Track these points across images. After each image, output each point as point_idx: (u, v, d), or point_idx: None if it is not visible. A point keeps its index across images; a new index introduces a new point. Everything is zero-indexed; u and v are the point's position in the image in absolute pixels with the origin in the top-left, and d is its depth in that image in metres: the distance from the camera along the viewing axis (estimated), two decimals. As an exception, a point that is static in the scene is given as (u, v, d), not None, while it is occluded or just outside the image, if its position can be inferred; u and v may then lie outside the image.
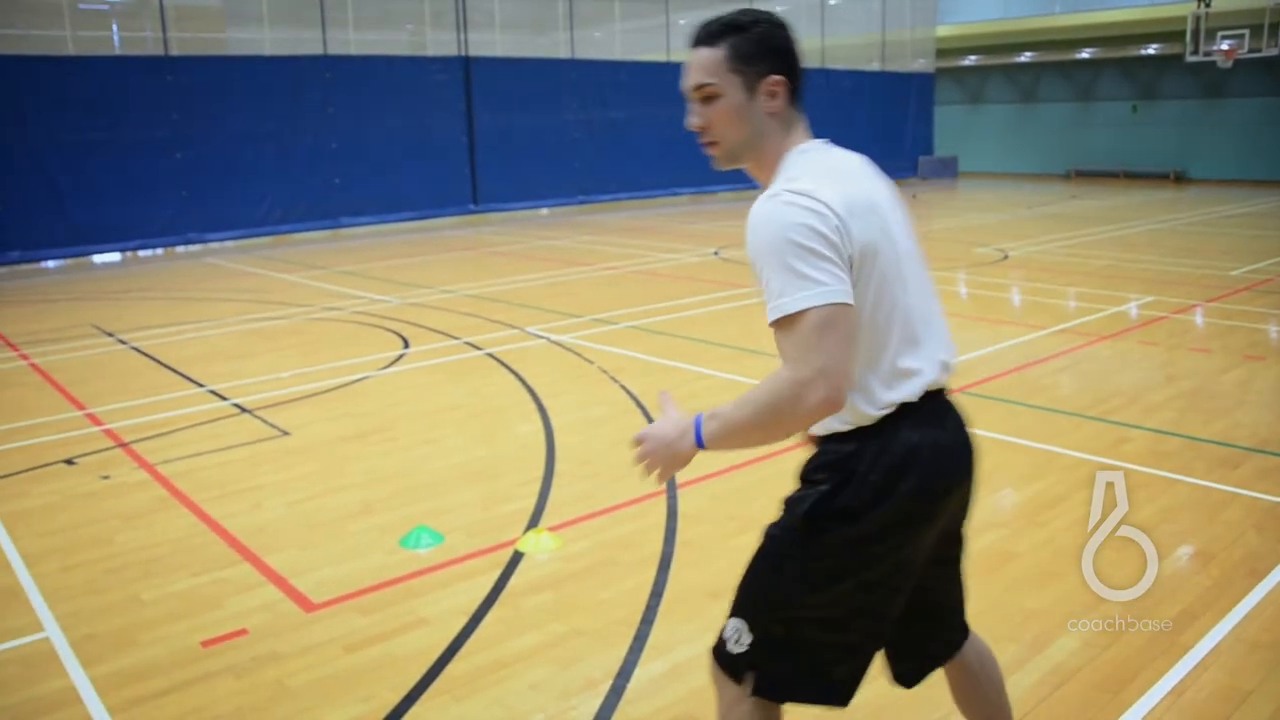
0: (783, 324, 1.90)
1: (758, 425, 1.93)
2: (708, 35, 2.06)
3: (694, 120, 2.08)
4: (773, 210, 1.91)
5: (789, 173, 2.00)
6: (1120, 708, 3.07)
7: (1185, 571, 4.01)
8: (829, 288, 1.85)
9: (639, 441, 2.07)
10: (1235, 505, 4.68)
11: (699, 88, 2.05)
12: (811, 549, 2.05)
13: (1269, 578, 3.92)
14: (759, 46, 2.03)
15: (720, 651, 2.14)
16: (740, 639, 2.10)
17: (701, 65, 2.05)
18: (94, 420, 6.53)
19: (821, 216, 1.88)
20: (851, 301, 1.89)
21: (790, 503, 2.11)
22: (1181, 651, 3.39)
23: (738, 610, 2.13)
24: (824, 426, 2.08)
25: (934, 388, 2.08)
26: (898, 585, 2.11)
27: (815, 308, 1.85)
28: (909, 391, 2.02)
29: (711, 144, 2.09)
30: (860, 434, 2.04)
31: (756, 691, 2.11)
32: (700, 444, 2.00)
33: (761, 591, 2.12)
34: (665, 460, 2.04)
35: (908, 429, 2.02)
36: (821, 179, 1.95)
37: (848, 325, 1.87)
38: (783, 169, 2.03)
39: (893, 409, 2.02)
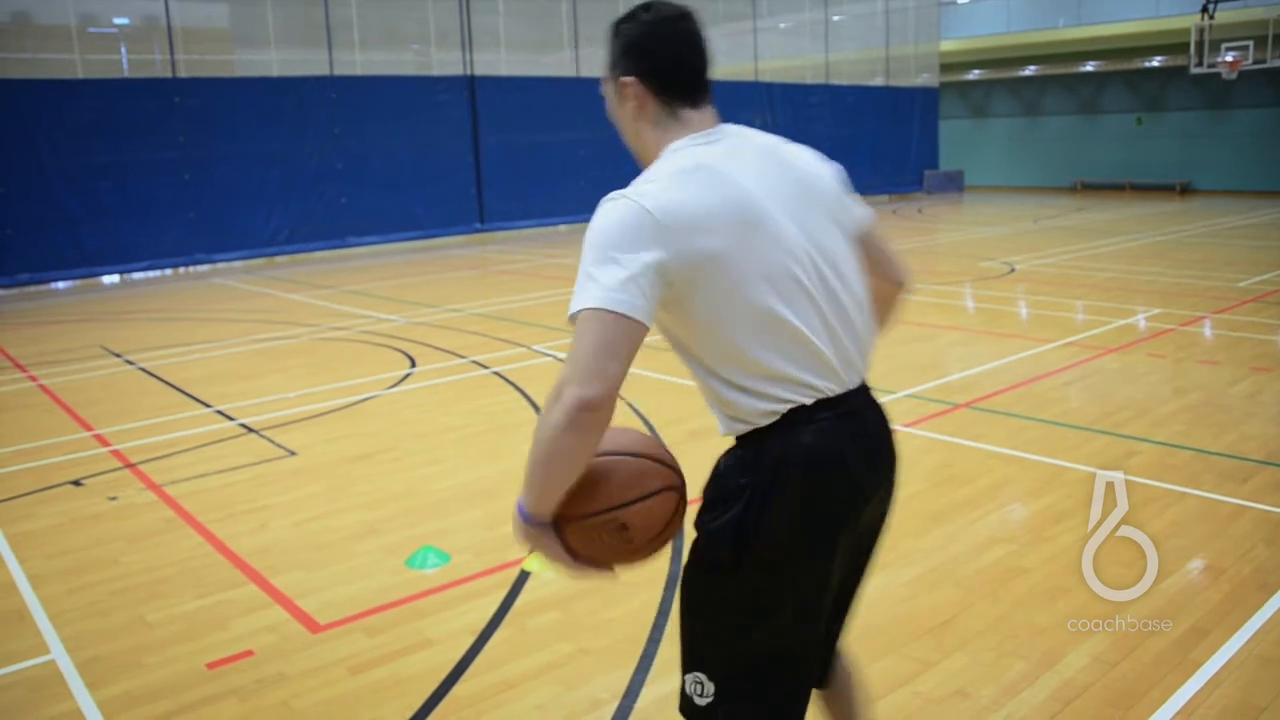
0: (574, 321, 1.78)
1: (540, 462, 1.84)
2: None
3: None
4: (599, 212, 1.85)
5: (645, 174, 1.92)
6: (1131, 725, 3.05)
7: (1195, 586, 3.98)
8: (604, 293, 1.75)
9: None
10: (1245, 518, 4.65)
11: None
12: (738, 582, 1.95)
13: (1280, 592, 3.90)
14: (617, 49, 1.99)
15: (688, 707, 2.03)
16: (704, 690, 1.99)
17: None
18: (101, 441, 6.54)
19: (641, 220, 1.79)
20: (635, 316, 1.76)
21: (699, 535, 2.00)
22: (1193, 667, 3.36)
23: (690, 661, 2.04)
24: (726, 423, 1.98)
25: (830, 395, 1.93)
26: (823, 608, 2.02)
27: (596, 310, 1.74)
28: (795, 399, 1.90)
29: None
30: (755, 437, 1.93)
31: None
32: (524, 515, 1.93)
33: (706, 637, 2.02)
34: (532, 541, 1.95)
35: (806, 433, 1.90)
36: (671, 183, 1.85)
37: (614, 332, 1.75)
38: (650, 169, 1.94)
39: (782, 410, 1.90)
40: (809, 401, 1.90)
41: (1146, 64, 27.72)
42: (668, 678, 3.41)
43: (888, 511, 2.15)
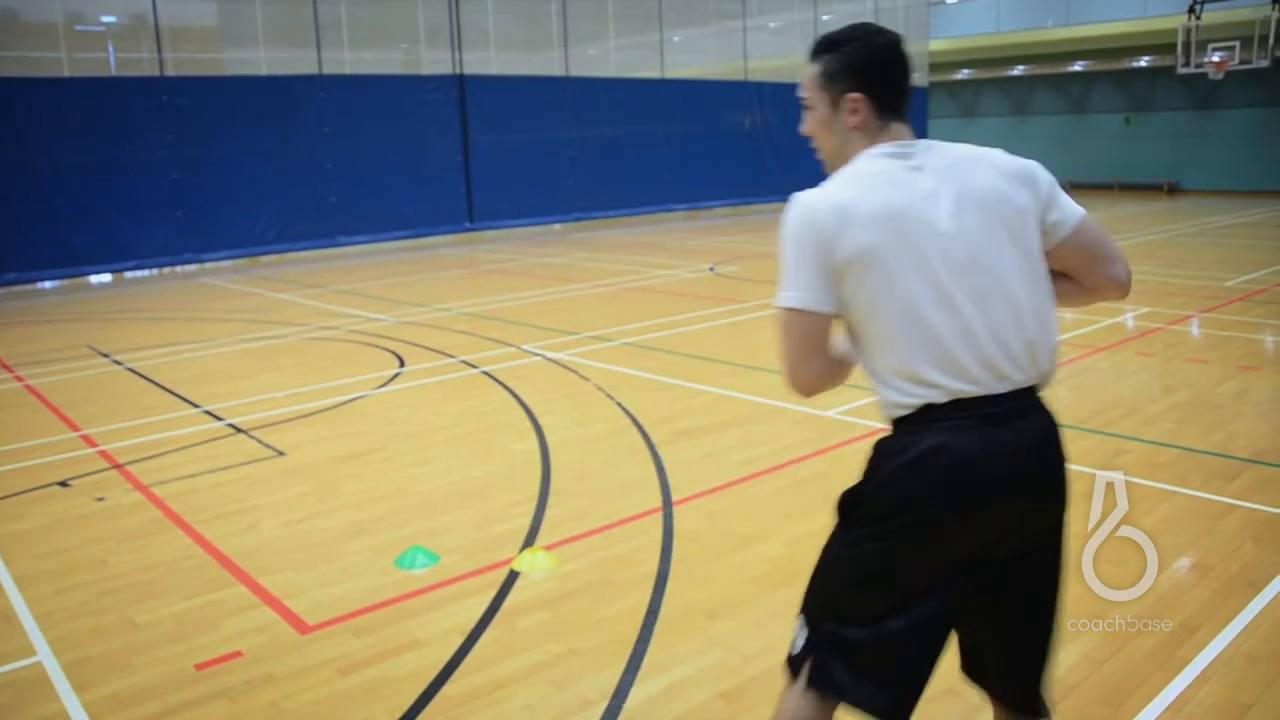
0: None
1: None
2: (811, 51, 2.22)
3: (802, 126, 2.27)
4: (787, 211, 2.07)
5: (831, 177, 2.12)
6: (1120, 723, 3.06)
7: (1184, 583, 4.00)
8: (788, 294, 2.04)
9: None
10: (1233, 516, 4.67)
11: (801, 100, 2.26)
12: (848, 546, 2.12)
13: (1267, 589, 3.91)
14: (843, 66, 2.15)
15: (790, 652, 2.20)
16: (800, 635, 2.17)
17: (803, 79, 2.23)
18: (89, 442, 6.51)
19: (810, 221, 2.02)
20: (811, 308, 2.03)
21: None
22: (1181, 665, 3.37)
23: (801, 608, 2.21)
24: (880, 408, 2.14)
25: (968, 396, 2.00)
26: (933, 605, 2.06)
27: (782, 309, 2.06)
28: (927, 396, 2.01)
29: (816, 149, 2.27)
30: (893, 429, 2.10)
31: (810, 683, 2.12)
32: None
33: (814, 588, 2.20)
34: None
35: (941, 431, 2.00)
36: (844, 185, 2.06)
37: (802, 329, 2.05)
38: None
39: (911, 410, 2.03)
40: (942, 400, 2.01)
41: (1134, 64, 27.82)
42: (657, 677, 3.41)
43: (1052, 529, 2.14)
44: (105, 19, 16.99)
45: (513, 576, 4.25)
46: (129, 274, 16.06)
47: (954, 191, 2.05)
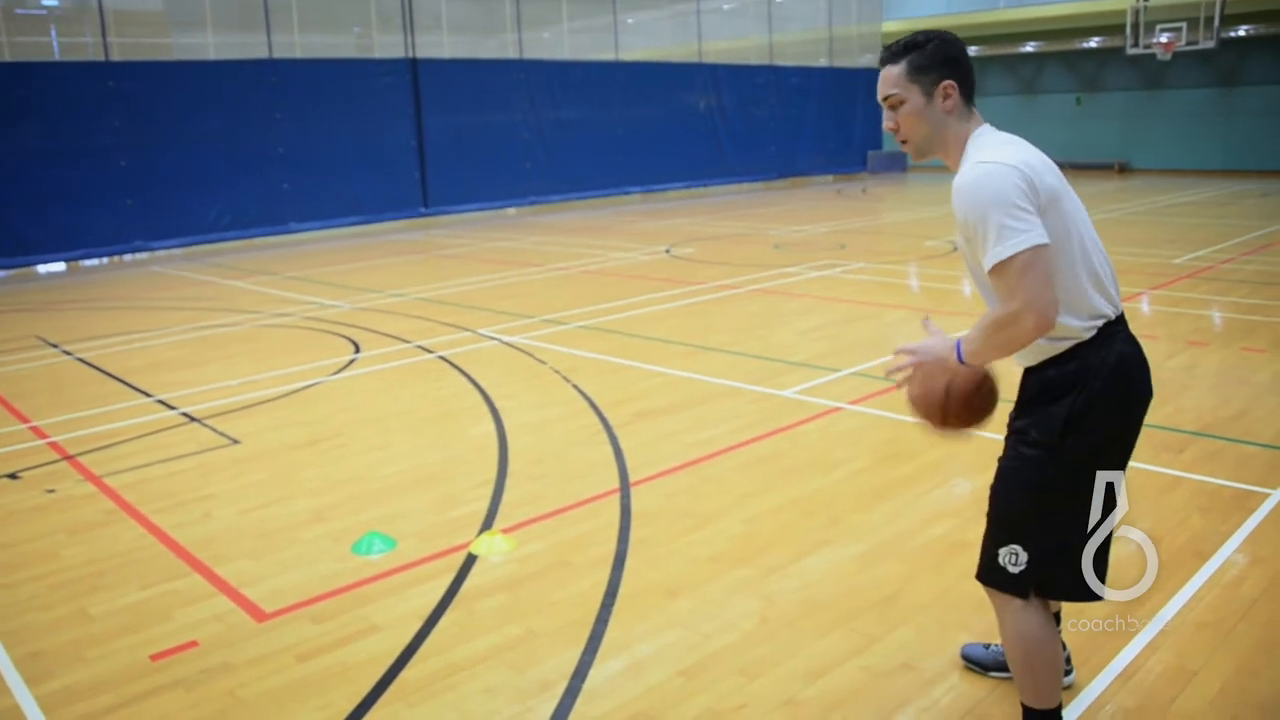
0: (995, 270, 2.33)
1: (993, 348, 2.45)
2: (890, 55, 2.59)
3: (888, 123, 2.64)
4: (976, 179, 2.38)
5: (977, 150, 2.48)
6: (1073, 691, 3.12)
7: (1133, 555, 4.06)
8: (1027, 235, 2.30)
9: (910, 352, 2.62)
10: (1180, 489, 4.76)
11: (886, 98, 2.60)
12: (1062, 468, 2.51)
13: (1213, 559, 3.99)
14: (931, 59, 2.54)
15: (999, 576, 2.60)
16: (1018, 559, 2.56)
17: (887, 79, 2.59)
18: (38, 433, 6.40)
19: (1014, 176, 2.35)
20: (1047, 241, 2.31)
21: (1025, 429, 2.59)
22: (1131, 634, 3.44)
23: (1007, 536, 2.58)
24: (1040, 352, 2.54)
25: (1113, 317, 2.51)
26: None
27: (1018, 253, 2.29)
28: (1109, 310, 2.49)
29: (904, 141, 2.63)
30: (1079, 352, 2.49)
31: (1039, 593, 2.58)
32: (961, 359, 2.54)
33: (1026, 514, 2.56)
34: (933, 367, 2.59)
35: (1118, 343, 2.49)
36: (1003, 149, 2.45)
37: (1045, 262, 2.31)
38: (969, 150, 2.53)
39: (1098, 325, 2.48)
40: (1114, 316, 2.51)
41: (1084, 44, 28.12)
42: (617, 657, 3.42)
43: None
44: (47, 2, 16.66)
45: (471, 560, 4.24)
46: (77, 263, 15.78)
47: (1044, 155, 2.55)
